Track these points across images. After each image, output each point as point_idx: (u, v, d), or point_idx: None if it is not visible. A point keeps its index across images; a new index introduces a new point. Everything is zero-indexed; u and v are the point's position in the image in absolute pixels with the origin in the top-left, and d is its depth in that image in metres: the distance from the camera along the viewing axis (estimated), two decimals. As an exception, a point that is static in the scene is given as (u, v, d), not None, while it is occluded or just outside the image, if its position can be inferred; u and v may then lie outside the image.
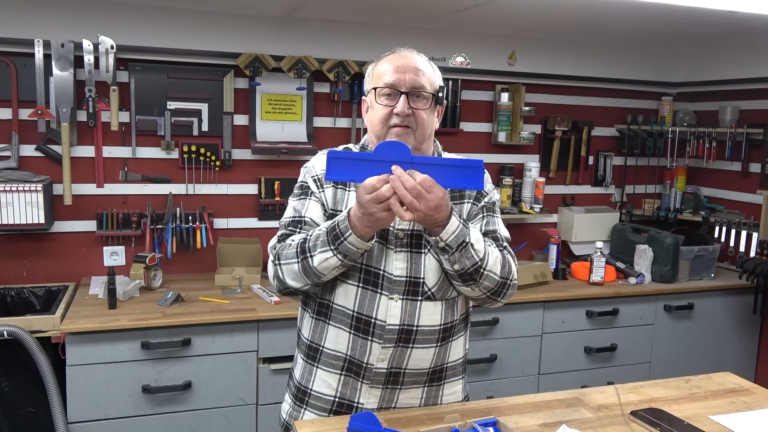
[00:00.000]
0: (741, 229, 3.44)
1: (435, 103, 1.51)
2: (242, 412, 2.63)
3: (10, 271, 2.88)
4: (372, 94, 1.51)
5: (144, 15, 2.88)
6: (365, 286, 1.48)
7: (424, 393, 1.56)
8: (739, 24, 3.02)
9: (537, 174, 3.59)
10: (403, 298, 1.47)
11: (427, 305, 1.49)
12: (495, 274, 1.44)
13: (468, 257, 1.38)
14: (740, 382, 1.82)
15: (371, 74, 1.56)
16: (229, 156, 3.12)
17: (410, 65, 1.49)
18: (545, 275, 3.24)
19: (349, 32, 3.19)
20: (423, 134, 1.50)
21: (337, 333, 1.51)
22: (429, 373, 1.55)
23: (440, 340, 1.53)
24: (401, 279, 1.47)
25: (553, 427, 1.48)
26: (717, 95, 3.73)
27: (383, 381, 1.51)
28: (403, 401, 1.54)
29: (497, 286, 1.45)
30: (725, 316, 3.47)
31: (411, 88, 1.47)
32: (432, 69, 1.54)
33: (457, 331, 1.57)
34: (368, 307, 1.47)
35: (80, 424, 2.43)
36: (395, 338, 1.47)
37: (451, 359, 1.58)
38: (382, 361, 1.48)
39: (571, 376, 3.18)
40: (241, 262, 3.05)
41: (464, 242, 1.37)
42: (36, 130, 2.84)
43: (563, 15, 2.89)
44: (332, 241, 1.36)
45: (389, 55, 1.54)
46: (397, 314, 1.47)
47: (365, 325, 1.48)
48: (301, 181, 1.60)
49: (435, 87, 1.51)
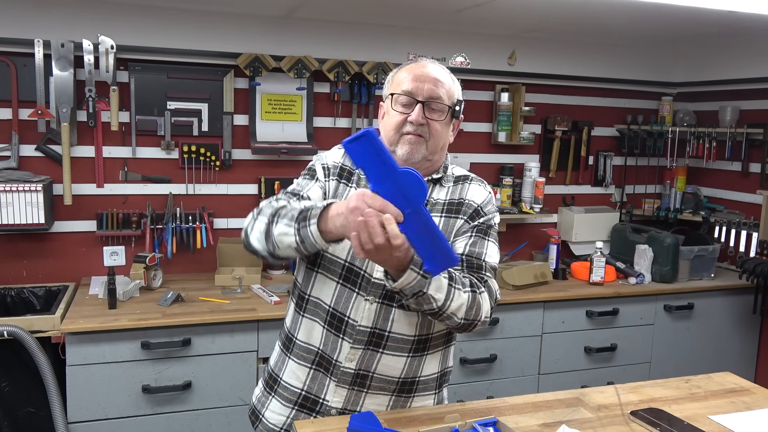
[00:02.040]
0: (741, 229, 3.44)
1: (451, 116, 1.50)
2: (242, 412, 2.62)
3: (10, 271, 2.88)
4: (389, 99, 1.50)
5: (144, 15, 2.88)
6: (344, 284, 1.48)
7: (391, 401, 1.55)
8: (739, 24, 3.02)
9: (537, 174, 3.59)
10: (378, 302, 1.47)
11: (401, 313, 1.48)
12: (456, 316, 1.38)
13: (426, 303, 1.33)
14: (740, 382, 1.82)
15: (391, 80, 1.55)
16: (229, 156, 3.12)
17: (430, 75, 1.48)
18: (545, 275, 3.24)
19: (349, 32, 3.19)
20: (435, 145, 1.49)
21: (311, 325, 1.52)
22: (398, 382, 1.53)
23: (413, 351, 1.51)
24: (380, 282, 1.46)
25: (553, 427, 1.48)
26: (717, 95, 3.73)
27: (350, 381, 1.50)
28: (369, 405, 1.52)
29: (459, 327, 1.40)
30: (725, 316, 3.47)
31: (428, 97, 1.46)
32: (452, 81, 1.52)
33: (433, 345, 1.55)
34: (344, 304, 1.48)
35: (80, 424, 2.43)
36: (365, 340, 1.47)
37: (425, 373, 1.56)
38: (351, 361, 1.48)
39: (571, 376, 3.18)
40: (241, 262, 3.04)
41: (420, 292, 1.30)
42: (36, 130, 2.84)
43: (563, 15, 2.89)
44: (299, 221, 1.33)
45: (411, 63, 1.52)
46: (370, 316, 1.47)
47: (338, 322, 1.48)
48: (311, 166, 1.61)
49: (453, 100, 1.50)
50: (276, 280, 3.10)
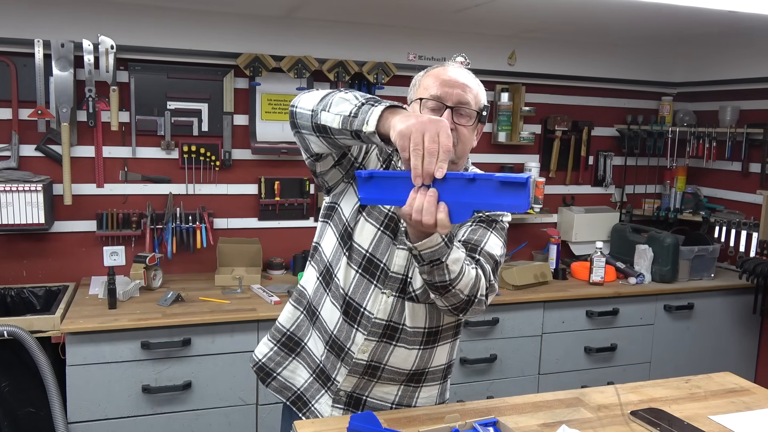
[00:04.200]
0: (741, 229, 3.44)
1: (477, 120, 1.50)
2: (242, 412, 2.63)
3: (10, 271, 2.88)
4: (416, 104, 1.49)
5: (144, 15, 2.88)
6: (363, 274, 1.49)
7: (400, 391, 1.57)
8: (739, 24, 3.02)
9: (537, 174, 3.59)
10: (395, 295, 1.48)
11: (411, 305, 1.49)
12: (463, 293, 1.35)
13: (439, 274, 1.29)
14: (740, 382, 1.82)
15: (417, 84, 1.53)
16: (229, 156, 3.12)
17: (458, 81, 1.47)
18: (545, 275, 3.24)
19: (349, 32, 3.19)
20: (464, 150, 1.49)
21: (331, 307, 1.53)
22: (409, 374, 1.56)
23: (424, 343, 1.53)
24: (398, 276, 1.48)
25: (553, 427, 1.48)
26: (717, 95, 3.73)
27: (361, 372, 1.52)
28: (377, 393, 1.56)
29: (461, 303, 1.37)
30: (725, 316, 3.47)
31: (457, 103, 1.45)
32: (479, 86, 1.52)
33: (443, 337, 1.57)
34: (360, 295, 1.49)
35: (80, 424, 2.43)
36: (380, 333, 1.48)
37: (434, 364, 1.58)
38: (363, 353, 1.50)
39: (571, 376, 3.18)
40: (241, 262, 3.05)
41: (438, 260, 1.27)
42: (36, 130, 2.84)
43: (563, 15, 2.89)
44: (368, 99, 1.25)
45: (438, 68, 1.51)
46: (387, 309, 1.48)
47: (354, 312, 1.49)
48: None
49: (480, 105, 1.50)
50: (276, 280, 3.10)
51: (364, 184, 1.24)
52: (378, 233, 1.49)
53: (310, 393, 1.59)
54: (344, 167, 1.49)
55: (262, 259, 3.08)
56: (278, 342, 1.65)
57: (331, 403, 1.55)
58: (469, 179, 1.15)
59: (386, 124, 1.18)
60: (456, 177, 1.16)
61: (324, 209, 1.60)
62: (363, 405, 1.56)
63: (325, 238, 1.58)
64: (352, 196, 1.52)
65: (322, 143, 1.37)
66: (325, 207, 1.60)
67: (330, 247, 1.55)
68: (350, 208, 1.51)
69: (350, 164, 1.49)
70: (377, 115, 1.19)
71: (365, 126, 1.20)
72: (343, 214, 1.53)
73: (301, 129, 1.39)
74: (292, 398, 1.62)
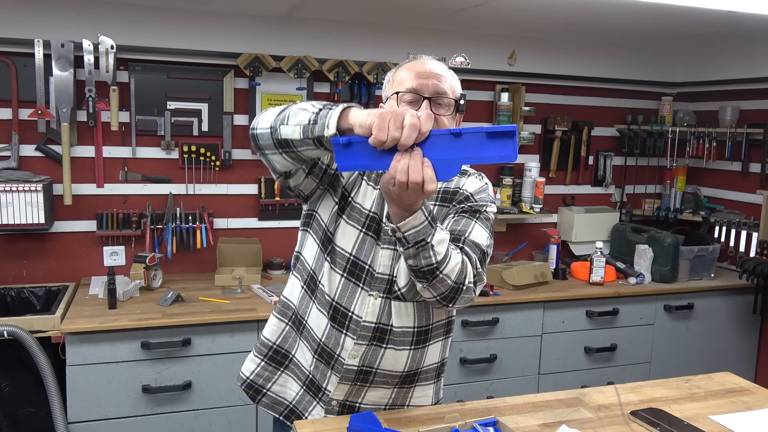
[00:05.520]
0: (741, 229, 3.44)
1: (456, 109, 1.50)
2: (242, 412, 2.63)
3: (10, 271, 2.88)
4: (393, 99, 1.49)
5: (144, 15, 2.88)
6: (349, 278, 1.48)
7: (393, 393, 1.56)
8: (739, 24, 3.02)
9: (537, 174, 3.59)
10: (383, 296, 1.47)
11: (397, 305, 1.48)
12: (450, 278, 1.33)
13: (425, 257, 1.28)
14: (740, 382, 1.82)
15: (391, 80, 1.53)
16: (229, 156, 3.12)
17: (432, 71, 1.47)
18: (545, 275, 3.24)
19: (349, 32, 3.19)
20: None
21: (318, 315, 1.52)
22: (402, 376, 1.54)
23: (415, 343, 1.52)
24: (384, 276, 1.47)
25: (553, 427, 1.48)
26: (717, 95, 3.73)
27: (353, 378, 1.51)
28: (370, 399, 1.54)
29: (449, 290, 1.34)
30: (725, 316, 3.47)
31: (434, 93, 1.45)
32: (452, 76, 1.52)
33: (434, 335, 1.56)
34: (347, 299, 1.48)
35: (80, 424, 2.43)
36: (369, 336, 1.48)
37: (426, 363, 1.57)
38: (354, 358, 1.48)
39: (571, 376, 3.18)
40: (241, 262, 3.04)
41: (423, 241, 1.26)
42: (36, 130, 2.84)
43: (563, 15, 2.89)
44: (325, 105, 1.26)
45: (410, 62, 1.52)
46: (375, 311, 1.47)
47: (342, 317, 1.48)
48: None
49: (456, 94, 1.50)
50: (276, 280, 3.10)
51: (342, 151, 1.19)
52: (360, 235, 1.48)
53: (302, 405, 1.57)
54: (317, 175, 1.49)
55: (262, 259, 3.08)
56: (265, 356, 1.63)
57: (323, 414, 1.53)
58: (454, 134, 1.15)
59: (347, 123, 1.19)
60: (441, 133, 1.16)
61: (303, 218, 1.60)
62: (356, 412, 1.54)
63: (306, 246, 1.57)
64: (329, 201, 1.52)
65: (285, 160, 1.36)
66: (303, 215, 1.60)
67: (312, 254, 1.55)
68: (328, 214, 1.51)
69: (322, 171, 1.49)
70: (336, 117, 1.20)
71: (326, 130, 1.21)
72: (321, 221, 1.53)
73: (265, 150, 1.39)
74: (284, 413, 1.60)
